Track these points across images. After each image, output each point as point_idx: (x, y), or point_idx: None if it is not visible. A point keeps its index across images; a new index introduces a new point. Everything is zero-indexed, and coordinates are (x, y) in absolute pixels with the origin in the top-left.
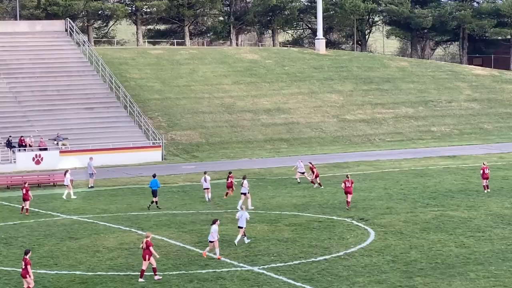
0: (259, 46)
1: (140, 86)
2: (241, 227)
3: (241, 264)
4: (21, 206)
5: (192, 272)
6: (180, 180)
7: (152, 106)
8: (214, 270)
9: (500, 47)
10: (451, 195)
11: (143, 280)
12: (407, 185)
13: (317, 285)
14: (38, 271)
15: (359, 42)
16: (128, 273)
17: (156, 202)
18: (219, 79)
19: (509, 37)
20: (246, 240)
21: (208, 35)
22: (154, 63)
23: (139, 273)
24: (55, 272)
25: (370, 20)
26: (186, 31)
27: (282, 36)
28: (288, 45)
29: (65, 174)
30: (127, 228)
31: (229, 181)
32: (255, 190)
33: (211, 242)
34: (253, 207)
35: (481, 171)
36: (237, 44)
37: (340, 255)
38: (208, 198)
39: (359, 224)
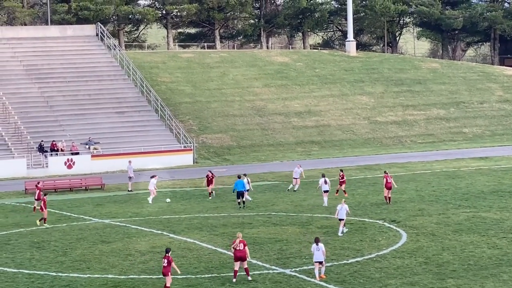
0: (289, 48)
1: (171, 90)
2: (342, 219)
3: (273, 267)
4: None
5: (224, 275)
6: (168, 185)
7: (183, 110)
8: (245, 272)
9: None
10: (483, 197)
11: (235, 280)
12: (439, 186)
13: (349, 287)
14: (71, 274)
15: (390, 44)
16: (160, 276)
17: (241, 202)
18: (250, 82)
19: None
20: (345, 230)
21: (239, 38)
22: (184, 67)
23: (232, 274)
24: (88, 275)
25: (400, 21)
26: (217, 34)
27: (313, 39)
28: (319, 48)
29: (151, 178)
30: (159, 232)
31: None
32: (286, 193)
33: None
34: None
35: None
36: (267, 47)
37: (372, 257)
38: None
39: (391, 226)
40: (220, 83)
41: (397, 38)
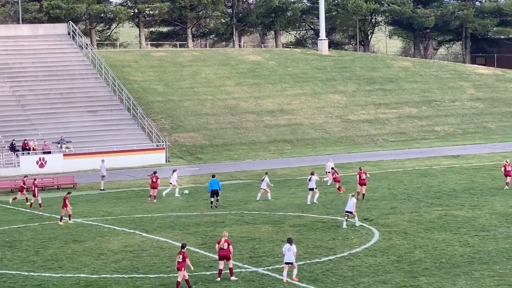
0: (261, 47)
1: (143, 89)
2: (350, 212)
3: (246, 265)
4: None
5: (196, 273)
6: (184, 182)
7: (155, 109)
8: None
9: (503, 46)
10: (455, 195)
11: (236, 278)
12: (411, 185)
13: (321, 285)
14: (43, 274)
15: (362, 43)
16: (133, 275)
17: (214, 201)
18: (222, 81)
19: (511, 36)
20: (344, 225)
21: (211, 37)
22: (157, 66)
23: (217, 273)
24: (60, 275)
25: (372, 20)
26: (189, 33)
27: (285, 37)
28: (291, 46)
29: (173, 172)
30: (132, 231)
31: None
32: (257, 192)
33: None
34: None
35: (503, 168)
36: (239, 46)
37: (344, 255)
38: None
39: (364, 224)
40: (193, 82)
41: (369, 37)
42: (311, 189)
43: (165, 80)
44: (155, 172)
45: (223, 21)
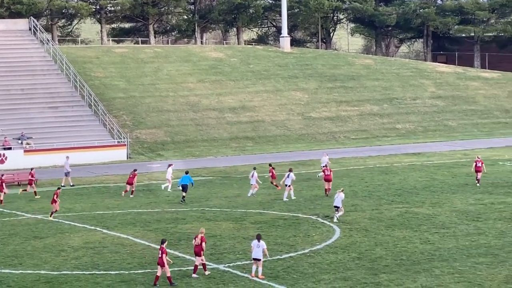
0: (224, 44)
1: (104, 85)
2: (338, 207)
3: (207, 262)
4: None
5: (157, 270)
6: (145, 179)
7: (117, 105)
8: (179, 268)
9: (464, 45)
10: (416, 192)
11: (197, 276)
12: (372, 182)
13: (282, 282)
14: (3, 270)
15: (324, 40)
16: (93, 272)
17: (183, 197)
18: (184, 78)
19: (472, 34)
20: (336, 219)
21: (173, 33)
22: (118, 62)
23: (193, 269)
24: (20, 271)
25: (334, 18)
26: (151, 29)
27: (247, 34)
28: (253, 43)
29: (168, 167)
30: (92, 227)
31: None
32: (220, 189)
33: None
34: (295, 198)
35: (474, 164)
36: (202, 43)
37: (305, 252)
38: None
39: (325, 222)
40: (154, 78)
41: (331, 34)
42: (287, 186)
43: (127, 77)
44: (135, 170)
45: (185, 17)
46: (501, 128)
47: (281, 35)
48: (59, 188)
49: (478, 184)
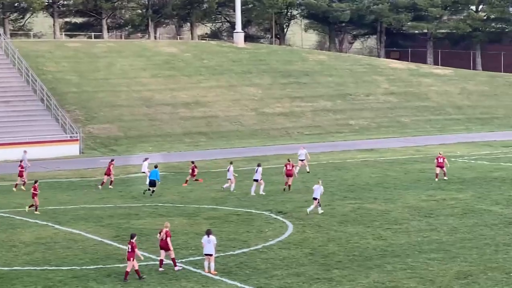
0: (177, 39)
1: (57, 79)
2: (316, 198)
3: (160, 258)
4: None
5: (110, 266)
6: (98, 174)
7: (69, 100)
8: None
9: (417, 41)
10: (368, 188)
11: (163, 269)
12: (325, 178)
13: (235, 278)
14: None
15: (278, 36)
16: (45, 268)
17: (153, 191)
18: (137, 72)
19: (425, 31)
20: (320, 211)
21: (126, 28)
22: (71, 56)
23: (158, 263)
24: None
25: (288, 13)
26: (104, 24)
27: (201, 30)
28: (207, 39)
29: (144, 161)
30: (44, 223)
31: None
32: (173, 184)
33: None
34: (263, 193)
35: (436, 160)
36: (155, 38)
37: (258, 248)
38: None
39: (278, 217)
40: (107, 73)
41: (285, 30)
42: (256, 180)
43: (80, 71)
44: (112, 160)
45: (139, 12)
46: (453, 125)
47: (235, 31)
48: (36, 182)
49: (443, 178)
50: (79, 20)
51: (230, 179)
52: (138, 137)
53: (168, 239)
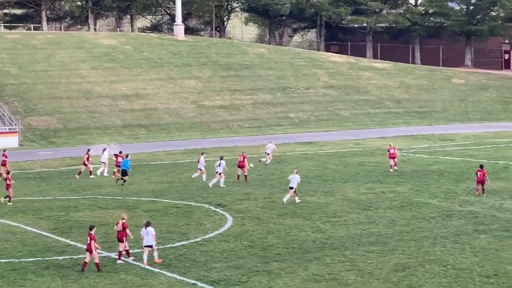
0: (117, 31)
1: None
2: (292, 188)
3: (99, 250)
4: None
5: (48, 258)
6: (37, 166)
7: (8, 91)
8: (71, 256)
9: (357, 35)
10: (308, 181)
11: (122, 261)
12: (265, 171)
13: (174, 270)
14: None
15: (218, 29)
16: None
17: (124, 180)
18: (77, 65)
19: (365, 24)
20: (297, 200)
21: (66, 20)
22: (10, 48)
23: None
24: None
25: (228, 6)
26: (43, 15)
27: (141, 22)
28: (147, 31)
29: (103, 152)
30: None
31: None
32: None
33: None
34: (224, 186)
35: (388, 152)
36: (95, 30)
37: (198, 240)
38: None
39: (217, 210)
40: (47, 65)
41: (225, 23)
42: (218, 173)
43: (19, 63)
44: (88, 150)
45: (79, 4)
46: (392, 118)
47: (175, 23)
48: (8, 173)
49: (394, 169)
50: (18, 11)
51: (200, 169)
52: (78, 129)
53: (127, 230)
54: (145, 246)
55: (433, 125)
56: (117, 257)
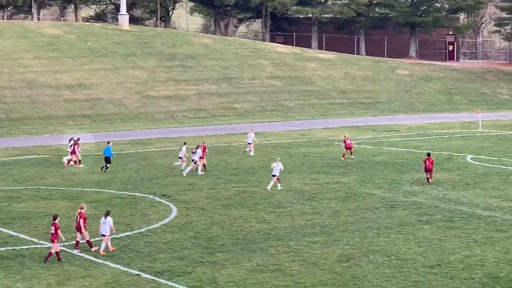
0: (61, 21)
1: None
2: (275, 175)
3: (42, 241)
4: None
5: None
6: None
7: None
8: (13, 247)
9: (302, 26)
10: (253, 172)
11: (79, 251)
12: (210, 161)
13: (118, 261)
14: None
15: (163, 19)
16: None
17: (107, 167)
18: (20, 54)
19: (310, 15)
20: (279, 187)
21: (8, 9)
22: None
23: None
24: None
25: None
26: None
27: (85, 11)
28: (91, 21)
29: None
30: None
31: None
32: (57, 167)
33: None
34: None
35: (343, 143)
36: (38, 19)
37: (142, 231)
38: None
39: (161, 201)
40: None
41: (170, 13)
42: (194, 162)
43: None
44: (78, 139)
45: None
46: (337, 109)
47: (120, 13)
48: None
49: (350, 158)
50: None
51: (181, 158)
52: (21, 119)
53: (82, 220)
54: (102, 235)
55: (378, 116)
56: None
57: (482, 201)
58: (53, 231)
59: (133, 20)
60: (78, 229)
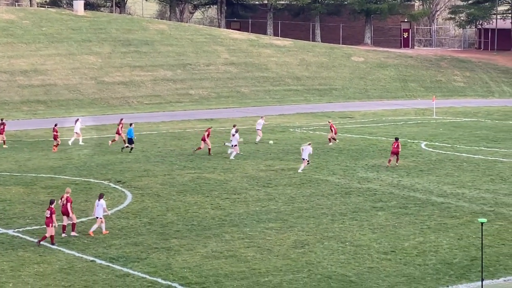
0: (15, 6)
1: None
2: (304, 159)
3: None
4: None
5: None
6: None
7: None
8: None
9: (257, 12)
10: (208, 158)
11: (65, 235)
12: (165, 147)
13: (73, 247)
14: None
15: (118, 4)
16: None
17: (132, 148)
18: None
19: (266, 1)
20: (300, 170)
21: None
22: None
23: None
24: None
25: None
26: None
27: None
28: (46, 6)
29: (76, 122)
30: None
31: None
32: (11, 153)
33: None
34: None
35: (331, 128)
36: None
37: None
38: None
39: (116, 187)
40: None
41: None
42: (234, 146)
43: None
44: (55, 125)
45: None
46: (292, 96)
47: None
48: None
49: (332, 143)
50: None
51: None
52: None
53: (69, 204)
54: (96, 218)
55: (333, 102)
56: (72, 229)
57: (436, 187)
58: (48, 215)
59: (88, 6)
60: (65, 213)
